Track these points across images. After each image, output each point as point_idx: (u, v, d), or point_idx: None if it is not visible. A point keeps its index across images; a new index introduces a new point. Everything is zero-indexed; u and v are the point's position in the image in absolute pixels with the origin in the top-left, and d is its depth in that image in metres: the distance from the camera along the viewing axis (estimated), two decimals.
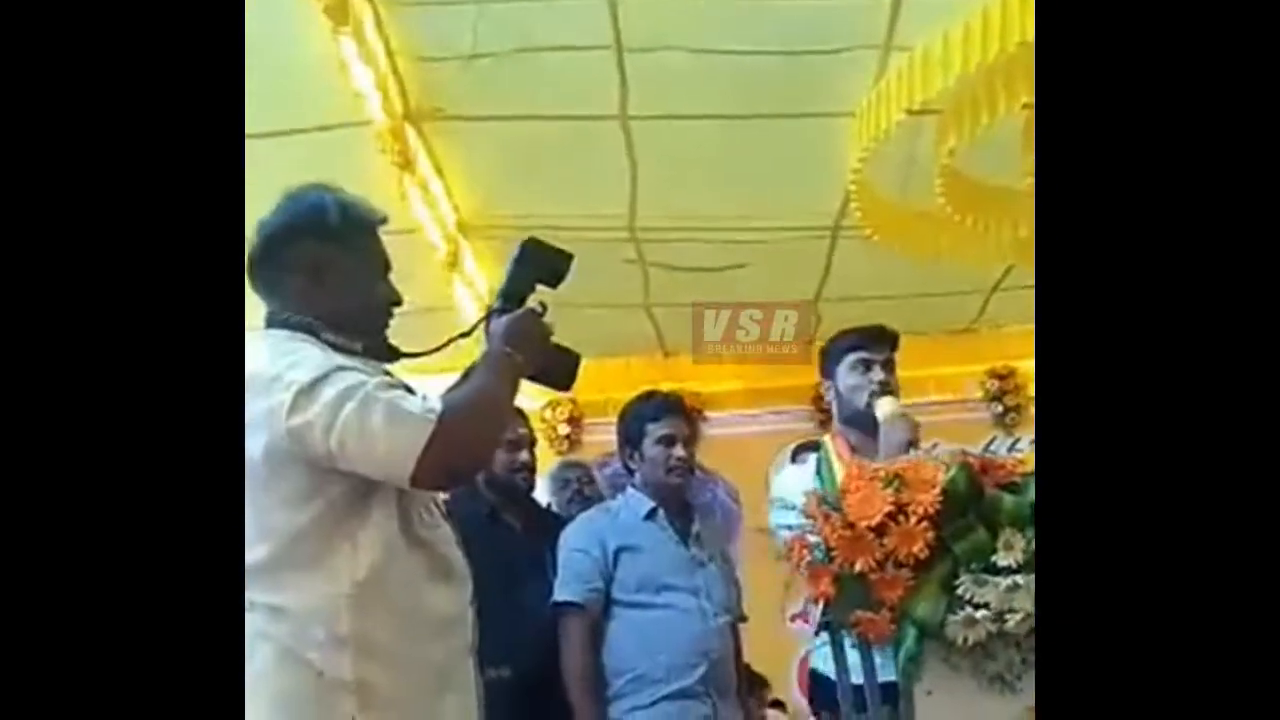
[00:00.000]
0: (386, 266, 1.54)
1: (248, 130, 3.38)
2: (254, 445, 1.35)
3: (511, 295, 1.52)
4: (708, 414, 4.60)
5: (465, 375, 1.54)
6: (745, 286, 3.99)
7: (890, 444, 1.97)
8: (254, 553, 1.34)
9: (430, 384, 1.47)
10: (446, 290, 3.67)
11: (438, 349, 1.55)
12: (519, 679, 2.08)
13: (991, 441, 4.75)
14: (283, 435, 1.34)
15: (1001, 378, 4.80)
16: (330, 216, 1.48)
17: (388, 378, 1.42)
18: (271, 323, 1.48)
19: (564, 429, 4.59)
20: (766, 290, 4.08)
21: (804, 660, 2.74)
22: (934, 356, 4.72)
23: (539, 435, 4.53)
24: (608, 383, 4.48)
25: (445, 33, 2.80)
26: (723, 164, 3.33)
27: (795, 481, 2.11)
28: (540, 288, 1.55)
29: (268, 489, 1.36)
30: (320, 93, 2.87)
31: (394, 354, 1.53)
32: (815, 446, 4.57)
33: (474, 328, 1.55)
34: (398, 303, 1.54)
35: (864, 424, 2.14)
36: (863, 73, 2.84)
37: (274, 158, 3.09)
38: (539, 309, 1.52)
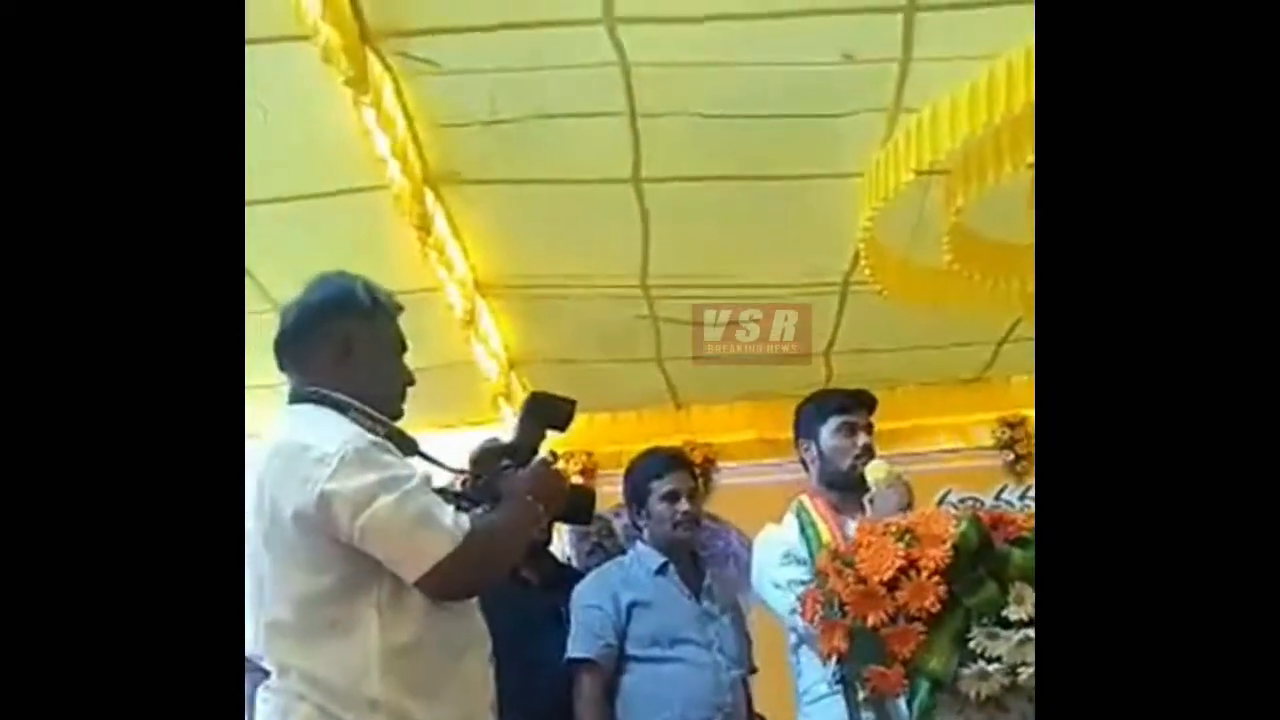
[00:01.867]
0: (404, 348, 1.65)
1: (274, 194, 3.48)
2: (279, 511, 1.41)
3: (522, 448, 1.64)
4: (720, 464, 4.64)
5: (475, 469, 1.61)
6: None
7: (884, 508, 2.01)
8: (275, 612, 1.40)
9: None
10: (464, 348, 3.73)
11: (459, 472, 1.67)
12: None
13: (1003, 489, 4.77)
14: (312, 503, 1.40)
15: (1012, 425, 4.83)
16: (360, 296, 1.59)
17: (425, 483, 1.49)
18: (298, 397, 1.56)
19: (577, 480, 4.62)
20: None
21: None
22: (946, 405, 4.77)
23: None
24: (621, 435, 4.53)
25: (462, 100, 2.89)
26: (734, 223, 3.40)
27: (778, 540, 2.15)
28: (550, 433, 1.68)
29: (291, 553, 1.42)
30: (342, 159, 2.97)
31: (413, 448, 1.61)
32: None
33: (493, 477, 1.62)
34: (412, 383, 1.64)
35: (846, 485, 2.19)
36: (871, 135, 2.91)
37: (300, 220, 3.21)
38: (550, 459, 1.66)
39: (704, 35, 2.64)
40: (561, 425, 1.69)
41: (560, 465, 1.66)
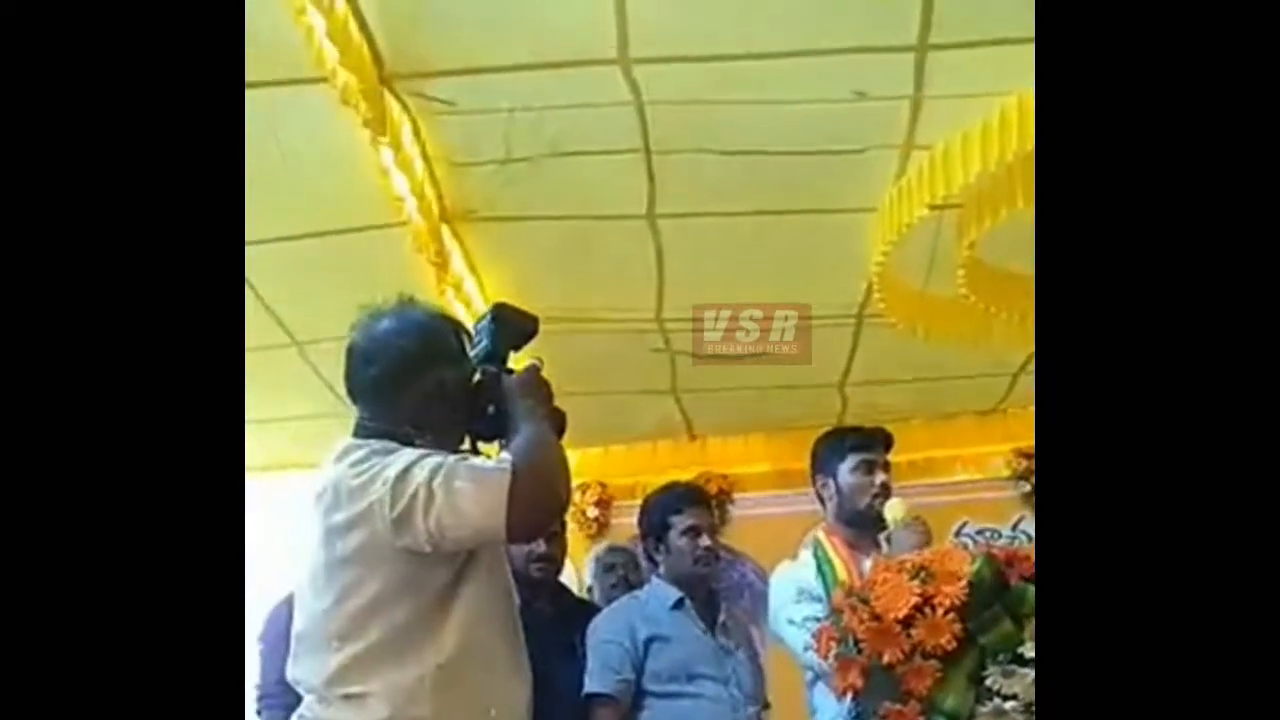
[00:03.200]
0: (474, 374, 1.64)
1: (294, 232, 3.53)
2: (349, 544, 1.43)
3: (497, 357, 1.61)
4: (735, 495, 4.64)
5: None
6: (769, 373, 4.05)
7: (902, 547, 2.01)
8: (345, 652, 1.41)
9: None
10: None
11: (488, 445, 1.63)
12: None
13: (1020, 520, 4.75)
14: (388, 528, 1.42)
15: (1028, 457, 4.81)
16: (450, 339, 1.61)
17: (458, 454, 1.51)
18: (367, 433, 1.57)
19: (593, 511, 4.63)
20: (792, 376, 4.16)
21: None
22: (962, 437, 4.76)
23: (569, 518, 4.60)
24: (636, 466, 4.54)
25: (479, 139, 2.93)
26: (748, 258, 3.42)
27: (794, 577, 2.15)
28: (512, 353, 1.64)
29: (362, 587, 1.44)
30: (361, 197, 3.01)
31: (467, 452, 1.61)
32: None
33: (487, 401, 1.60)
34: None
35: (863, 523, 2.20)
36: (884, 171, 2.94)
37: (319, 257, 3.25)
38: (539, 364, 1.61)
39: (717, 74, 2.68)
40: (520, 343, 1.65)
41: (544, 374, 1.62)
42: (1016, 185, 2.66)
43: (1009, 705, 1.45)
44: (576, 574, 4.13)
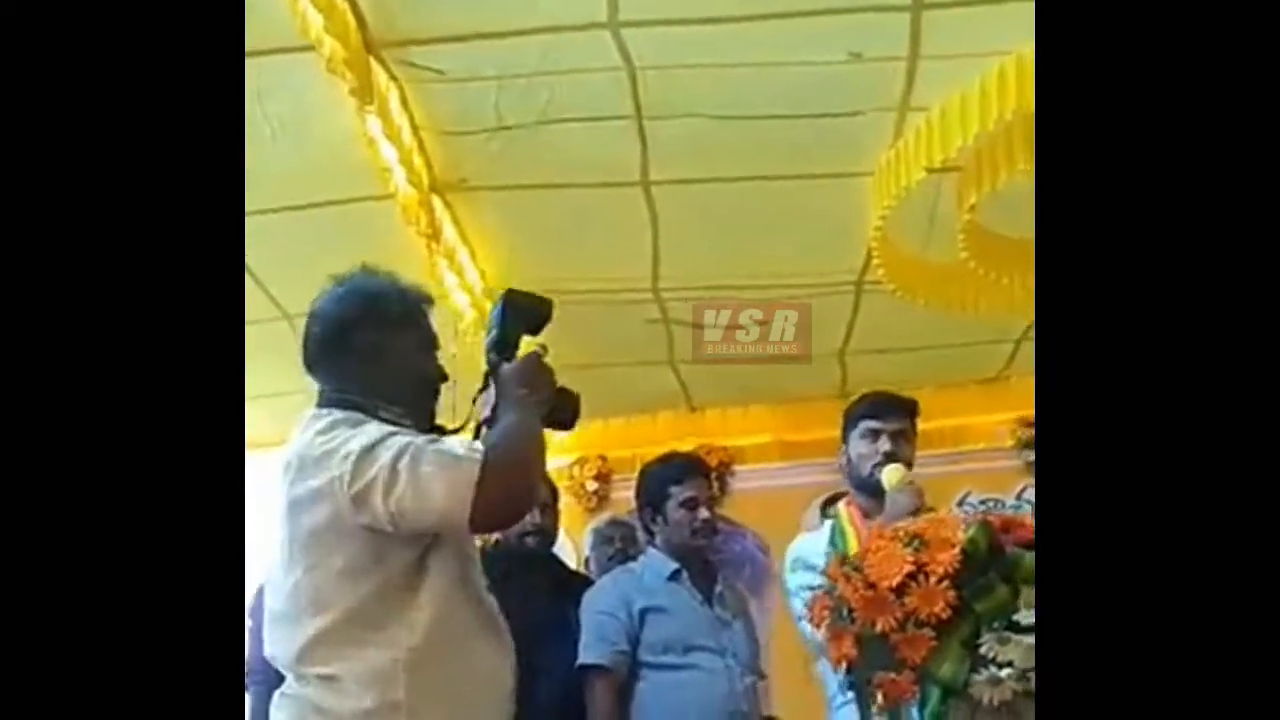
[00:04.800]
0: (435, 344, 1.62)
1: (279, 204, 3.48)
2: (314, 519, 1.40)
3: (504, 345, 1.57)
4: (736, 467, 4.62)
5: (479, 427, 1.59)
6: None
7: (894, 512, 1.98)
8: (313, 625, 1.39)
9: None
10: (475, 355, 3.72)
11: (467, 422, 1.61)
12: None
13: (1023, 490, 4.72)
14: (347, 504, 1.39)
15: (1032, 425, 4.78)
16: (389, 305, 1.57)
17: (431, 436, 1.48)
18: (327, 402, 1.55)
19: (592, 485, 4.61)
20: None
21: None
22: (964, 406, 4.72)
23: (566, 492, 4.58)
24: (635, 439, 4.52)
25: (468, 107, 2.89)
26: (744, 224, 3.38)
27: (811, 546, 2.13)
28: (526, 337, 1.60)
29: (327, 562, 1.41)
30: (348, 168, 2.97)
31: (440, 431, 1.59)
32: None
33: (486, 384, 1.59)
34: (445, 379, 1.61)
35: (872, 490, 2.17)
36: (880, 134, 2.89)
37: (308, 230, 3.21)
38: (541, 351, 1.58)
39: (709, 37, 2.63)
40: (537, 328, 1.61)
41: (548, 360, 1.58)
42: (1016, 146, 2.60)
43: (1004, 673, 1.42)
44: (575, 548, 4.12)
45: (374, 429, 1.45)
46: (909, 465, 2.18)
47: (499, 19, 2.61)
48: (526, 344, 1.61)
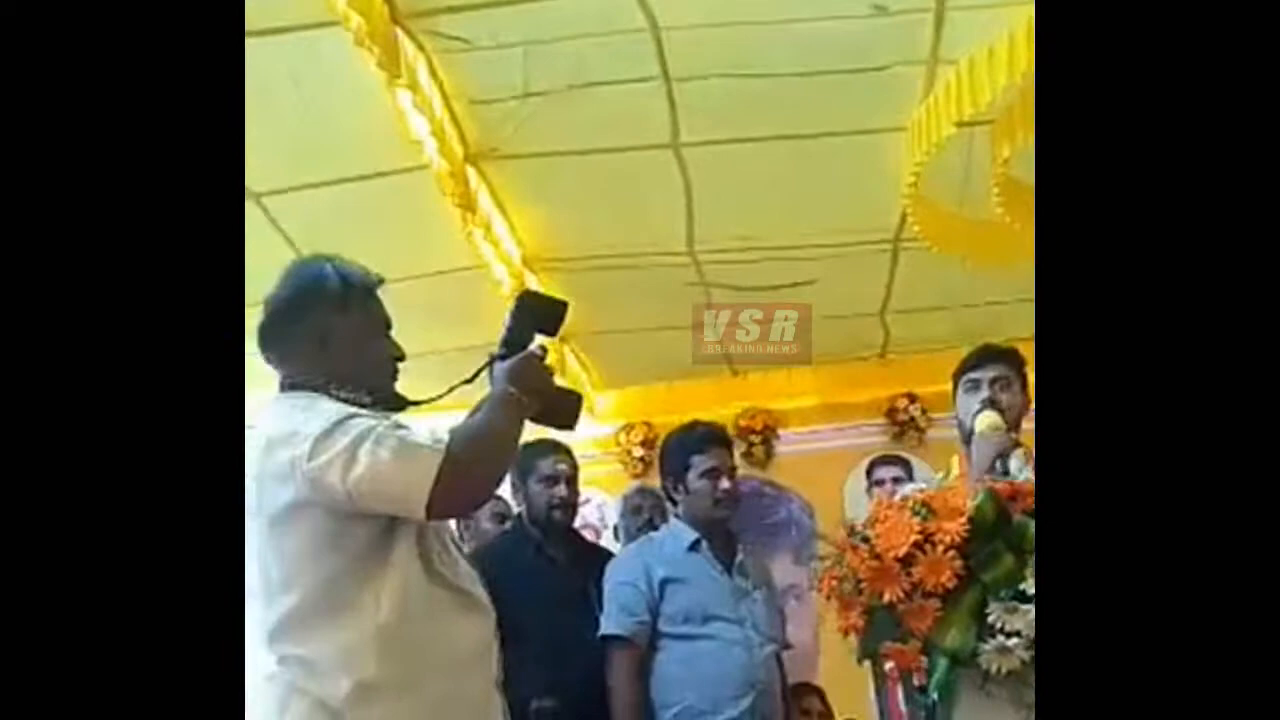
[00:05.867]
0: (388, 325, 1.64)
1: (314, 180, 3.50)
2: (277, 499, 1.43)
3: (512, 344, 1.59)
4: (780, 431, 4.59)
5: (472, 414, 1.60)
6: (810, 304, 3.98)
7: (977, 460, 1.92)
8: (282, 604, 1.42)
9: (443, 423, 1.55)
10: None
11: (442, 395, 1.62)
12: (563, 709, 2.12)
13: None
14: (303, 483, 1.42)
15: None
16: (331, 285, 1.59)
17: (396, 421, 1.50)
18: (284, 386, 1.58)
19: (638, 451, 4.62)
20: (833, 306, 4.08)
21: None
22: None
23: (613, 459, 4.59)
24: (678, 404, 4.51)
25: (497, 75, 2.88)
26: (777, 184, 3.33)
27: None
28: (540, 336, 1.61)
29: (291, 541, 1.44)
30: (382, 141, 2.99)
31: (402, 402, 1.61)
32: (893, 460, 4.54)
33: (477, 373, 1.61)
34: (401, 358, 1.63)
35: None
36: (910, 88, 2.82)
37: (342, 206, 3.25)
38: (540, 352, 1.59)
39: None
40: (552, 328, 1.63)
41: (549, 360, 1.60)
42: None
43: (1012, 642, 1.42)
44: (610, 516, 4.13)
45: (333, 409, 1.47)
46: (1014, 412, 2.08)
47: None
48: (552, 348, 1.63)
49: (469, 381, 1.62)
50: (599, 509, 4.40)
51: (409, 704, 1.42)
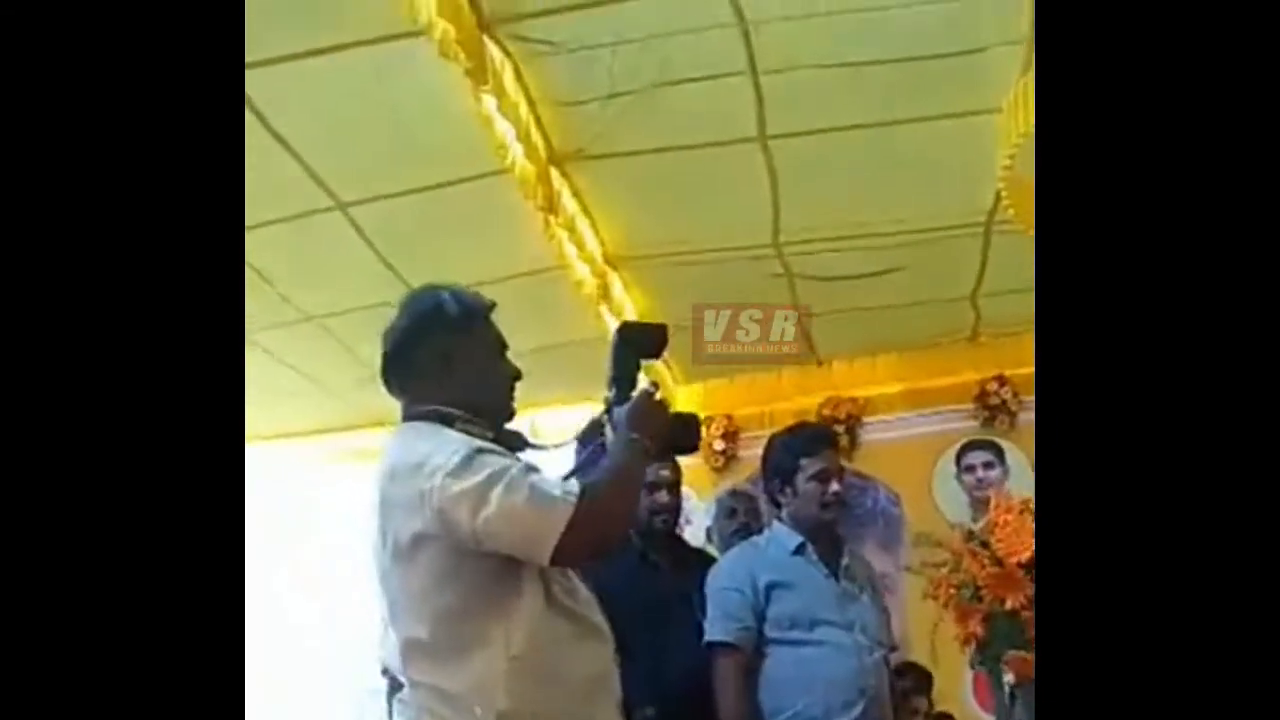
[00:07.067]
0: (504, 346, 1.67)
1: (402, 188, 3.56)
2: (403, 529, 1.46)
3: (621, 379, 1.61)
4: (865, 419, 4.54)
5: (583, 440, 1.62)
6: (898, 291, 3.92)
7: None
8: (408, 630, 1.46)
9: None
10: (599, 323, 3.76)
11: (559, 445, 1.69)
12: (667, 717, 2.11)
13: None
14: (431, 518, 1.45)
15: None
16: (450, 309, 1.62)
17: (527, 464, 1.52)
18: (410, 415, 1.61)
19: (719, 444, 4.60)
20: (923, 291, 4.02)
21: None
22: None
23: (697, 453, 4.58)
24: (761, 396, 4.50)
25: (583, 76, 2.89)
26: (865, 172, 3.29)
27: None
28: (645, 362, 1.65)
29: (416, 570, 1.48)
30: (460, 148, 3.02)
31: (522, 444, 1.64)
32: (984, 445, 4.46)
33: (596, 425, 1.63)
34: (518, 377, 1.66)
35: None
36: (1005, 69, 2.76)
37: (429, 212, 3.29)
38: (652, 389, 1.61)
39: None
40: (655, 351, 1.66)
41: (660, 395, 1.63)
42: None
43: None
44: (700, 508, 4.12)
45: (460, 441, 1.50)
46: None
47: None
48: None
49: (589, 436, 1.64)
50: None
51: None
